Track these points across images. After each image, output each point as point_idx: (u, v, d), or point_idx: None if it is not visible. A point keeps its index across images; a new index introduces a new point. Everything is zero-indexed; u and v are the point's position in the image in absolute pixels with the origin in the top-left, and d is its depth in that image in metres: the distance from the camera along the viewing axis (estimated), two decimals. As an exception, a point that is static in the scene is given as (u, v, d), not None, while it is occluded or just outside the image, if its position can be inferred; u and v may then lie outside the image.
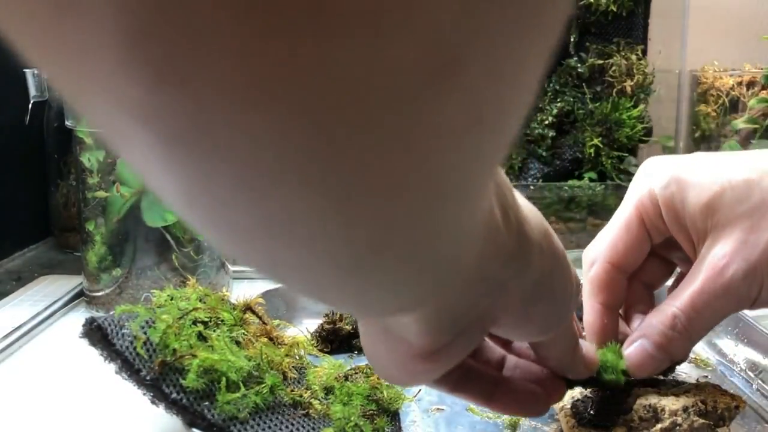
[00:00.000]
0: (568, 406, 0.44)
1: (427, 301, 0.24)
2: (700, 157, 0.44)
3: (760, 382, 0.53)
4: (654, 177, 0.43)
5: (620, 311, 0.46)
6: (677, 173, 0.42)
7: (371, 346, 0.30)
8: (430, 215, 0.16)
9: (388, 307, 0.23)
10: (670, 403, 0.42)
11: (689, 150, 1.01)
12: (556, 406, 0.47)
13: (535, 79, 0.15)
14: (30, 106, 0.87)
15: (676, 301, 0.41)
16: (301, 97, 0.11)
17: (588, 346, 0.40)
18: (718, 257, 0.40)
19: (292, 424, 0.44)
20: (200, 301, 0.49)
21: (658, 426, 0.41)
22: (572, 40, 1.23)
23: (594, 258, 0.45)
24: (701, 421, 0.41)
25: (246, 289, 0.64)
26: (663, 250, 0.46)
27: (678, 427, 0.41)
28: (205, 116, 0.11)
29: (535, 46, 0.14)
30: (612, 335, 0.44)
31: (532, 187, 1.23)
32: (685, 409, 0.42)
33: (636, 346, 0.42)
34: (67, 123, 0.67)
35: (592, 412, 0.43)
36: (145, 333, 0.44)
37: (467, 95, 0.13)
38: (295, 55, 0.10)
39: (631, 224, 0.44)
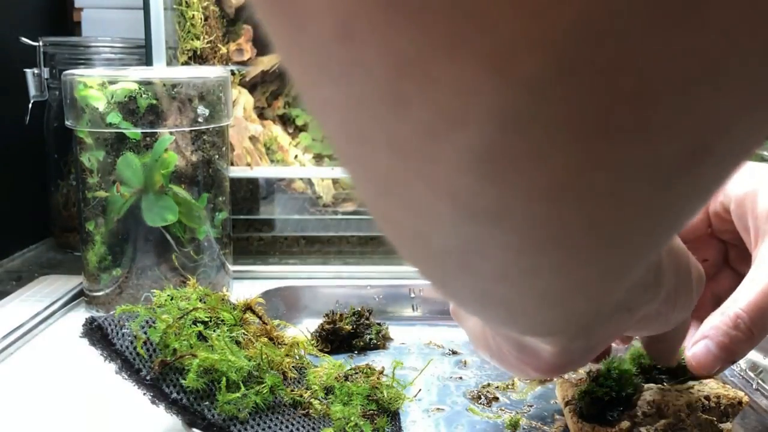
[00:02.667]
0: (573, 402, 0.44)
1: (568, 328, 0.27)
2: None
3: (760, 382, 0.53)
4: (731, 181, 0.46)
5: None
6: (754, 177, 0.44)
7: (496, 350, 0.34)
8: (638, 262, 0.20)
9: (549, 330, 0.27)
10: (674, 399, 0.42)
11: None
12: (561, 402, 0.47)
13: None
14: (30, 106, 0.87)
15: (738, 302, 0.41)
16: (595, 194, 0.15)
17: None
18: None
19: (292, 424, 0.44)
20: (200, 301, 0.49)
21: (662, 421, 0.41)
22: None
23: None
24: (705, 417, 0.41)
25: (246, 289, 0.64)
26: (737, 262, 0.47)
27: (682, 423, 0.41)
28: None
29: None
30: None
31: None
32: (689, 405, 0.42)
33: (700, 346, 0.42)
34: (67, 123, 0.67)
35: (596, 408, 0.43)
36: (145, 333, 0.44)
37: (712, 169, 0.15)
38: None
39: None
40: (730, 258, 0.48)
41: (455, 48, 0.12)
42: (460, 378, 0.56)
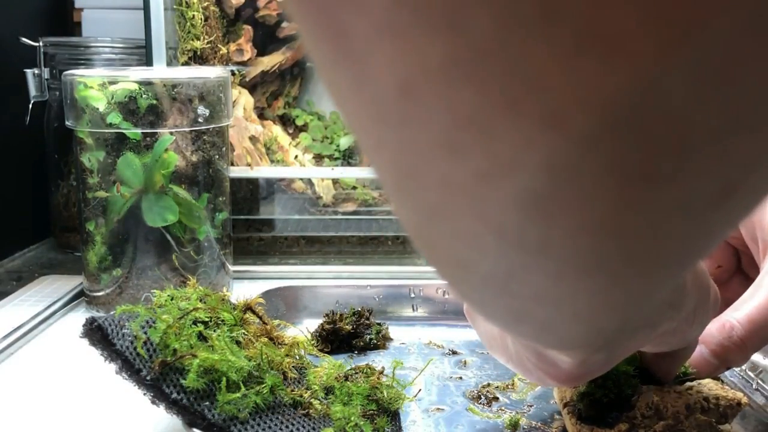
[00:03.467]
0: (571, 404, 0.44)
1: (600, 342, 0.28)
2: None
3: (759, 382, 0.53)
4: None
5: None
6: None
7: (515, 356, 0.35)
8: (667, 284, 0.21)
9: (575, 345, 0.28)
10: (672, 401, 0.42)
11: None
12: (559, 404, 0.47)
13: None
14: (30, 106, 0.87)
15: (735, 313, 0.42)
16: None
17: None
18: None
19: (293, 424, 0.44)
20: (200, 301, 0.49)
21: (661, 423, 0.41)
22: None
23: None
24: (704, 418, 0.41)
25: (246, 289, 0.64)
26: (748, 268, 0.47)
27: (680, 425, 0.41)
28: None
29: None
30: None
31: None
32: (688, 407, 0.42)
33: (695, 350, 0.43)
34: (68, 123, 0.67)
35: (595, 409, 0.43)
36: (145, 333, 0.44)
37: (740, 203, 0.17)
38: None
39: None
40: (742, 263, 0.48)
41: (512, 107, 0.13)
42: (460, 378, 0.56)
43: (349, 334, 0.62)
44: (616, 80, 0.13)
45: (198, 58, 0.87)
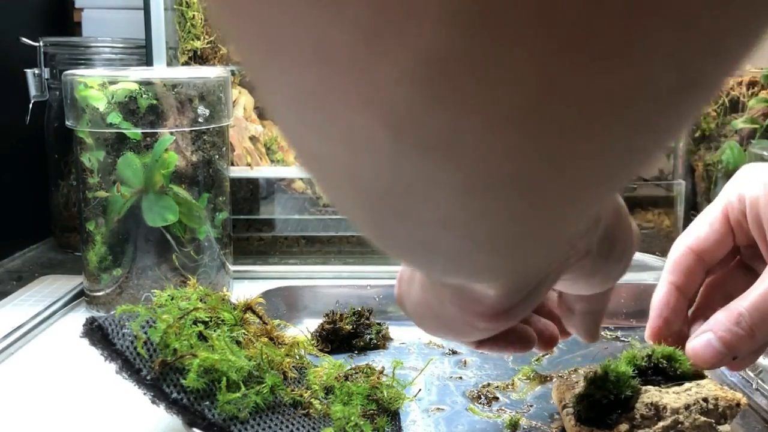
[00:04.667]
0: (571, 405, 0.44)
1: (516, 272, 0.26)
2: None
3: (760, 382, 0.53)
4: (747, 180, 0.46)
5: (689, 311, 0.49)
6: None
7: (438, 309, 0.32)
8: (598, 204, 0.19)
9: (496, 277, 0.25)
10: (672, 401, 0.42)
11: (689, 150, 1.01)
12: (558, 405, 0.47)
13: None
14: (30, 106, 0.87)
15: (743, 301, 0.42)
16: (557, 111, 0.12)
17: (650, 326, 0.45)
18: None
19: (293, 424, 0.44)
20: (201, 301, 0.49)
21: (660, 424, 0.41)
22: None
23: (678, 244, 0.48)
24: (703, 419, 0.41)
25: (246, 289, 0.64)
26: (751, 260, 0.47)
27: (680, 425, 0.41)
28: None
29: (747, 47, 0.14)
30: (671, 316, 0.46)
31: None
32: (687, 407, 0.42)
33: (701, 338, 0.43)
34: (68, 123, 0.67)
35: (594, 411, 0.43)
36: (145, 333, 0.44)
37: (695, 102, 0.14)
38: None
39: (716, 218, 0.47)
40: (744, 256, 0.48)
41: None
42: (460, 378, 0.56)
43: (349, 333, 0.62)
44: None
45: (198, 58, 0.87)
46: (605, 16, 0.11)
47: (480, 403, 0.52)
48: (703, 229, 0.47)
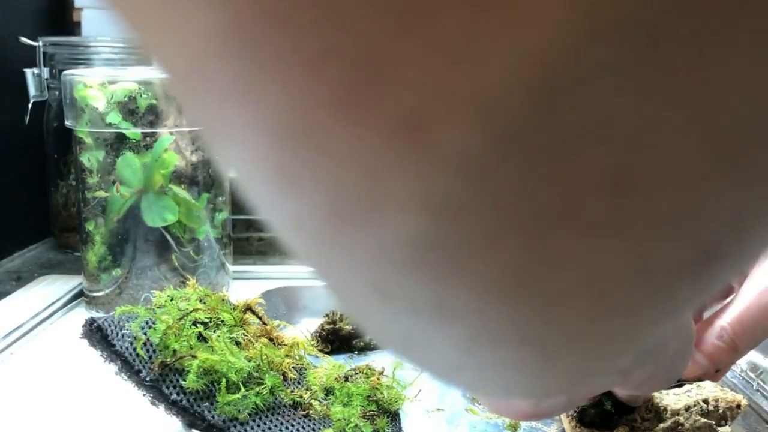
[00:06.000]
0: (569, 407, 0.44)
1: (549, 393, 0.25)
2: None
3: (760, 382, 0.53)
4: None
5: None
6: None
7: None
8: (624, 352, 0.17)
9: (523, 397, 0.25)
10: (672, 403, 0.42)
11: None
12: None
13: None
14: (30, 106, 0.87)
15: (724, 316, 0.43)
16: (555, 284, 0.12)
17: None
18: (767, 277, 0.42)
19: (292, 425, 0.44)
20: (200, 301, 0.48)
21: (661, 425, 0.41)
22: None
23: None
24: (703, 420, 0.41)
25: (246, 290, 0.64)
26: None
27: (680, 427, 0.41)
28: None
29: None
30: None
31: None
32: (687, 409, 0.42)
33: None
34: (67, 123, 0.67)
35: (594, 412, 0.43)
36: (145, 334, 0.44)
37: (720, 274, 0.13)
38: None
39: None
40: None
41: (352, 108, 0.09)
42: (460, 378, 0.56)
43: (349, 334, 0.62)
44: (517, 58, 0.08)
45: (198, 58, 0.86)
46: (587, 191, 0.10)
47: (480, 404, 0.52)
48: None
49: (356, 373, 0.50)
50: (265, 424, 0.43)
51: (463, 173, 0.10)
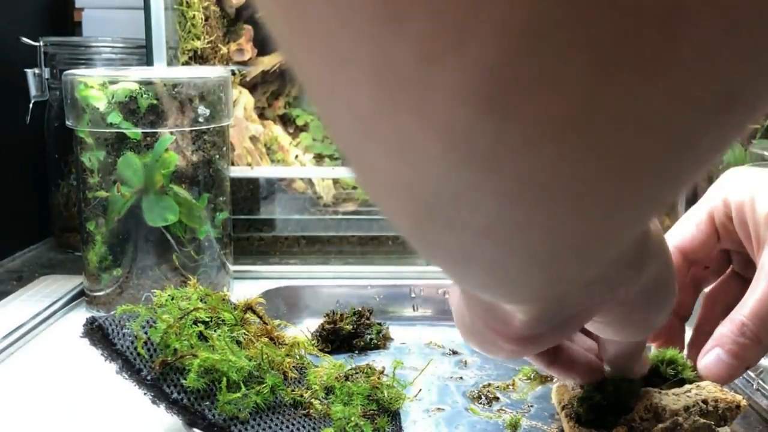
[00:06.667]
0: (570, 407, 0.44)
1: (546, 295, 0.26)
2: None
3: (760, 382, 0.53)
4: (731, 182, 0.46)
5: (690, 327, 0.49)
6: (753, 182, 0.45)
7: (469, 321, 0.32)
8: (634, 226, 0.19)
9: (527, 298, 0.26)
10: (671, 403, 0.42)
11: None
12: (557, 407, 0.47)
13: None
14: (30, 106, 0.87)
15: (742, 310, 0.42)
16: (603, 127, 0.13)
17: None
18: None
19: (293, 424, 0.44)
20: (201, 301, 0.49)
21: (659, 426, 0.41)
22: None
23: None
24: (702, 420, 0.41)
25: (247, 289, 0.64)
26: (744, 269, 0.47)
27: (679, 427, 0.41)
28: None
29: None
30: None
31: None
32: (687, 409, 0.42)
33: (711, 356, 0.43)
34: (68, 123, 0.67)
35: (594, 413, 0.43)
36: (145, 333, 0.44)
37: (736, 117, 0.14)
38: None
39: (701, 220, 0.47)
40: (735, 265, 0.48)
41: None
42: (461, 378, 0.56)
43: (349, 334, 0.62)
44: None
45: (198, 58, 0.87)
46: (643, 26, 0.11)
47: (480, 404, 0.52)
48: (689, 229, 0.48)
49: (357, 373, 0.50)
50: (265, 423, 0.43)
51: (540, 6, 0.11)
